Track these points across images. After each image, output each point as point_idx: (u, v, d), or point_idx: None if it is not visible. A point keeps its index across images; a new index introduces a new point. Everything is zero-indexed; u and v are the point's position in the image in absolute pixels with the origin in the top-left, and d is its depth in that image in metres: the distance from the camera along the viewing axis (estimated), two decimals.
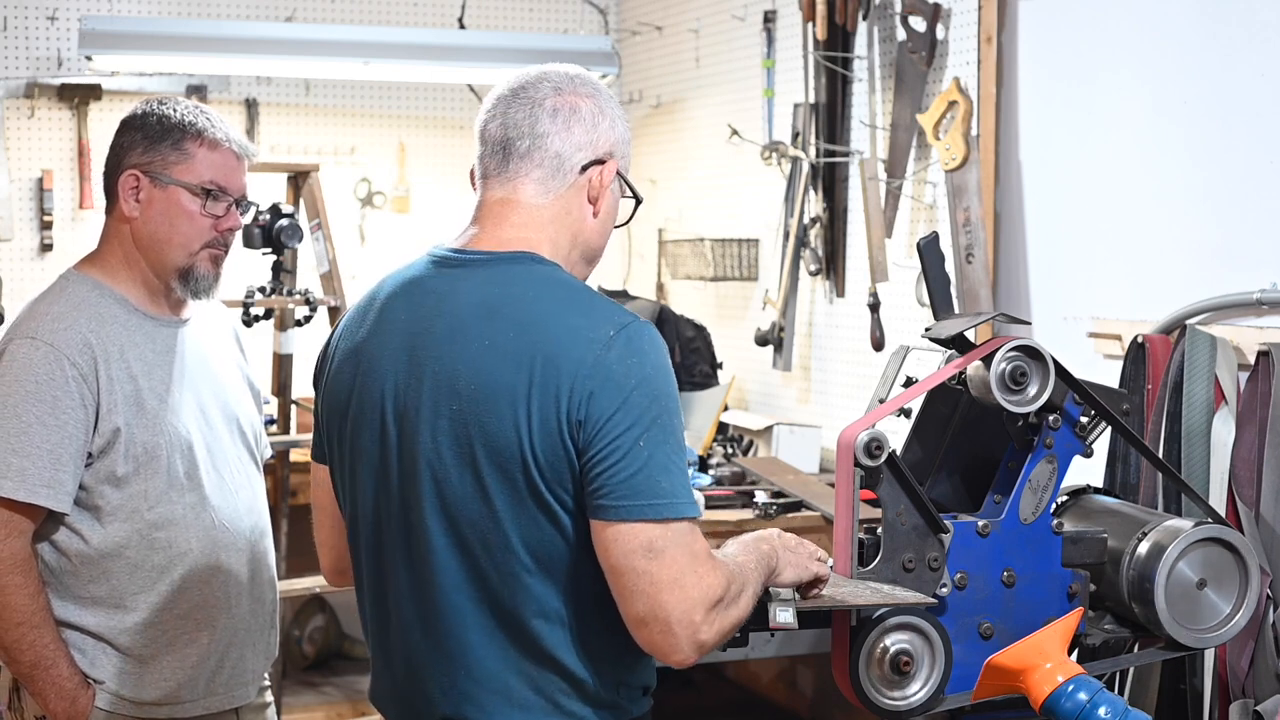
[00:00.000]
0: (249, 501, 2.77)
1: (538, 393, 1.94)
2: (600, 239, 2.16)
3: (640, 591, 1.91)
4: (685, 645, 1.92)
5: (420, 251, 2.15)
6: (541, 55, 5.27)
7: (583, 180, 2.11)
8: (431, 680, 2.06)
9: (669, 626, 1.91)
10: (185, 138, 2.67)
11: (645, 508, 1.92)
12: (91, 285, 2.67)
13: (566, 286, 2.03)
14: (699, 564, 1.93)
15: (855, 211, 4.49)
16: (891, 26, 4.26)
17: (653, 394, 1.94)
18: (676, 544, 1.92)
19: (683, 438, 1.99)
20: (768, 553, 2.11)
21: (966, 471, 2.51)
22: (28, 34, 5.37)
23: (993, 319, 2.58)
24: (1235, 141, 3.19)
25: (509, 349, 1.96)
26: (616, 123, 2.15)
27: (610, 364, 1.93)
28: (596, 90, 2.15)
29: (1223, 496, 2.94)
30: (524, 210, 2.10)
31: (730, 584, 1.96)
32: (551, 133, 2.09)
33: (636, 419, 1.93)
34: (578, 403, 1.93)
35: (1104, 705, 2.09)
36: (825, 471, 4.49)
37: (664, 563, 1.91)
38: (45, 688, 2.58)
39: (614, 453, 1.92)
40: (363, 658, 5.86)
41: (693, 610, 1.91)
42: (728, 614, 1.96)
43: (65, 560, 2.60)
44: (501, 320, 1.99)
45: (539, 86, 2.11)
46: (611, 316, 1.98)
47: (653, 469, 1.92)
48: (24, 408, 2.54)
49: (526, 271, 2.04)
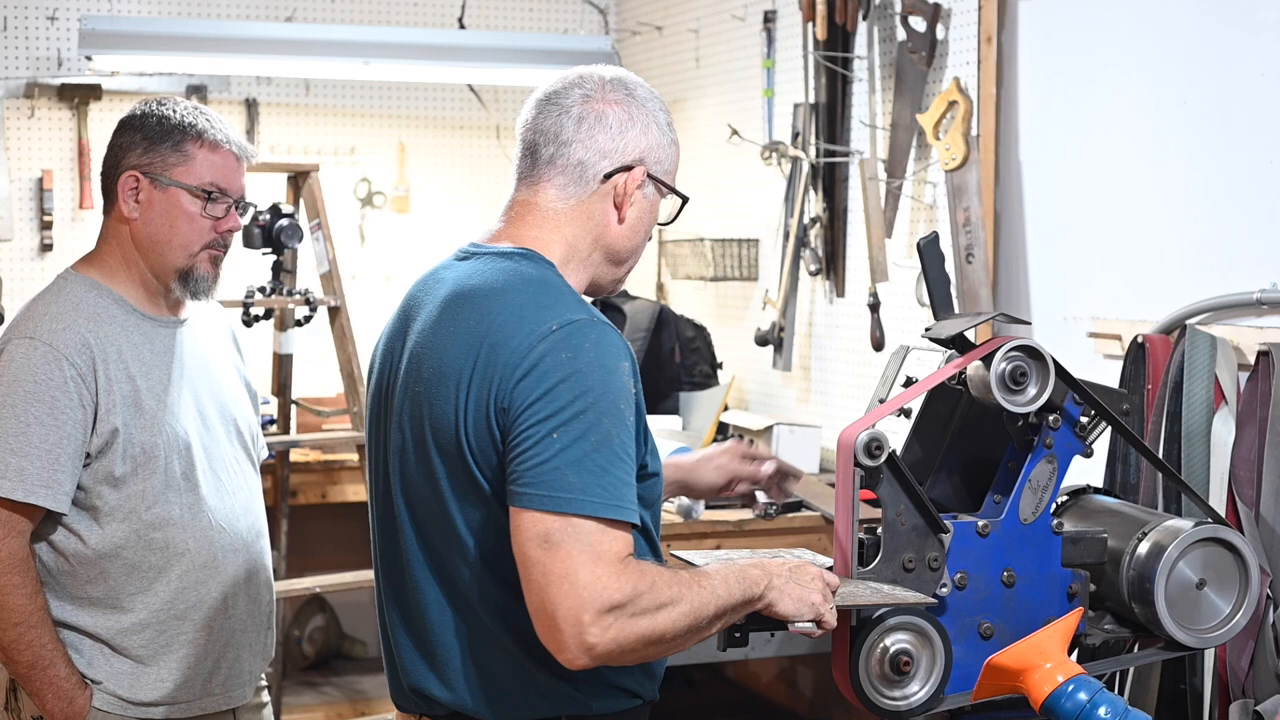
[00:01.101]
0: (246, 502, 2.77)
1: (477, 378, 1.99)
2: (627, 242, 2.17)
3: (533, 582, 1.91)
4: (571, 645, 1.89)
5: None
6: (541, 55, 5.32)
7: (607, 187, 2.14)
8: (405, 655, 2.13)
9: (555, 622, 1.89)
10: (186, 139, 2.67)
11: (545, 498, 1.91)
12: (89, 285, 2.67)
13: (535, 282, 2.06)
14: (600, 564, 1.89)
15: (855, 211, 4.49)
16: (891, 26, 4.26)
17: (581, 390, 1.94)
18: (576, 540, 1.90)
19: (620, 441, 1.95)
20: (756, 578, 2.07)
21: (966, 471, 2.51)
22: (28, 34, 5.37)
23: (993, 319, 2.58)
24: (1235, 141, 3.19)
25: (465, 335, 2.02)
26: (650, 128, 2.16)
27: (542, 354, 1.95)
28: (630, 95, 2.16)
29: (1223, 496, 2.94)
30: (542, 213, 2.14)
31: (643, 594, 1.91)
32: (575, 141, 2.13)
33: (556, 411, 1.93)
34: (506, 389, 1.96)
35: (1104, 705, 2.09)
36: (825, 471, 4.49)
37: (558, 556, 1.89)
38: (43, 688, 2.58)
39: (526, 440, 1.94)
40: (363, 658, 5.86)
41: (580, 610, 1.87)
42: (632, 624, 1.90)
43: (63, 560, 2.61)
44: (467, 308, 2.04)
45: (570, 93, 2.15)
46: (564, 313, 2.00)
47: (562, 462, 1.91)
48: (23, 408, 2.54)
49: (510, 266, 2.08)
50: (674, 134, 2.22)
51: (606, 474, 1.93)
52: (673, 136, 2.21)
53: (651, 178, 2.16)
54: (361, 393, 4.59)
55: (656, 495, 2.13)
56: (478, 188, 5.95)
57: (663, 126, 2.19)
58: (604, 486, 1.92)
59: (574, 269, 2.15)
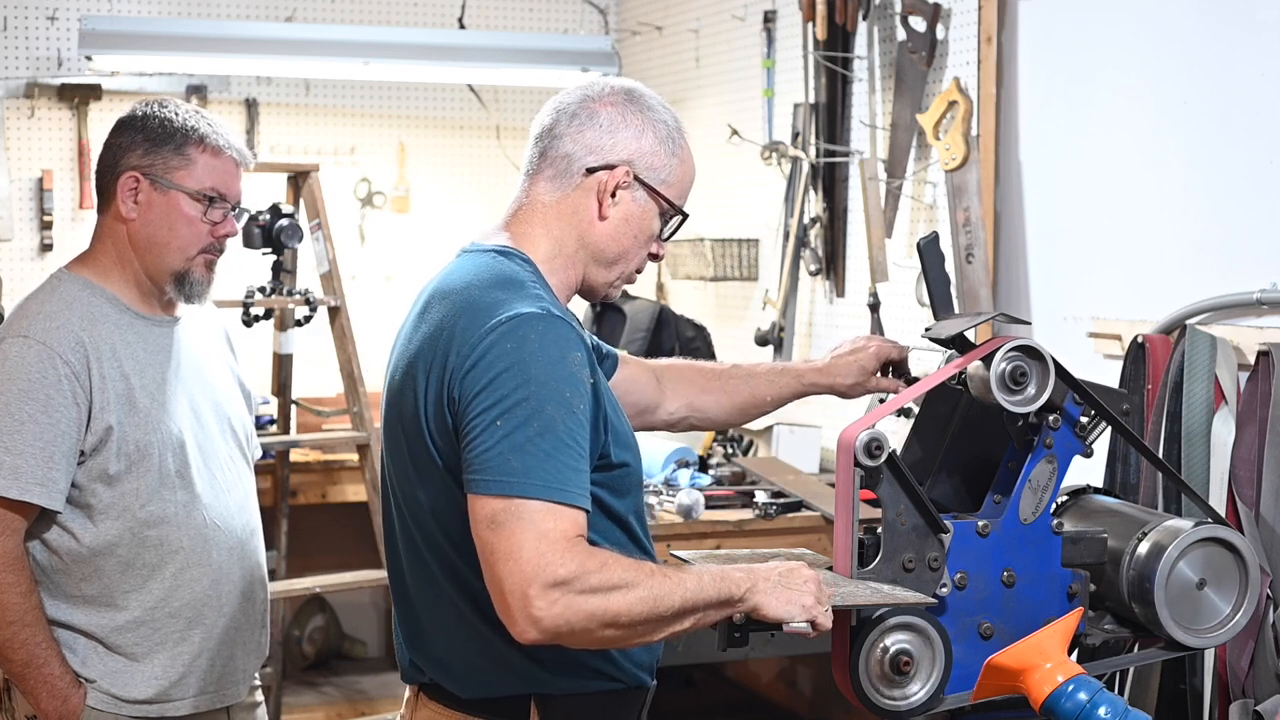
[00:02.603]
0: (240, 500, 2.77)
1: (435, 369, 2.07)
2: (611, 243, 2.22)
3: (485, 562, 1.97)
4: (519, 618, 1.93)
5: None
6: (541, 55, 5.32)
7: (590, 182, 2.19)
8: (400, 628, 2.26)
9: (502, 597, 1.94)
10: (188, 143, 2.67)
11: (490, 483, 1.96)
12: (83, 285, 2.67)
13: (500, 278, 2.12)
14: (544, 542, 1.94)
15: (855, 211, 4.49)
16: (891, 26, 4.26)
17: (523, 378, 1.99)
18: (521, 520, 1.95)
19: (565, 428, 1.99)
20: (737, 580, 2.07)
21: (966, 471, 2.50)
22: (28, 34, 5.37)
23: (993, 319, 2.58)
24: (1235, 141, 3.19)
25: (432, 329, 2.11)
26: (645, 134, 2.21)
27: (488, 346, 2.01)
28: (630, 100, 2.22)
29: (1223, 496, 2.94)
30: (533, 208, 2.22)
31: (591, 573, 1.94)
32: (565, 135, 2.20)
33: (499, 399, 1.98)
34: (456, 380, 2.03)
35: (1104, 705, 2.09)
36: (825, 471, 4.49)
37: (503, 534, 1.94)
38: (37, 686, 2.58)
39: (474, 429, 1.99)
40: (363, 657, 5.87)
41: (526, 584, 1.92)
42: (582, 600, 1.93)
43: (57, 559, 2.61)
44: (440, 304, 2.13)
45: (573, 93, 2.24)
46: (515, 306, 2.05)
47: (505, 448, 1.96)
48: (17, 406, 2.54)
49: (483, 262, 2.16)
50: (678, 149, 2.24)
51: (551, 459, 1.97)
52: (674, 150, 2.24)
53: (641, 182, 2.20)
54: (362, 393, 4.60)
55: (631, 485, 2.16)
56: (478, 188, 5.95)
57: (663, 137, 2.22)
58: (547, 470, 1.96)
59: (560, 265, 2.20)
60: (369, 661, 5.85)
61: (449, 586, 2.13)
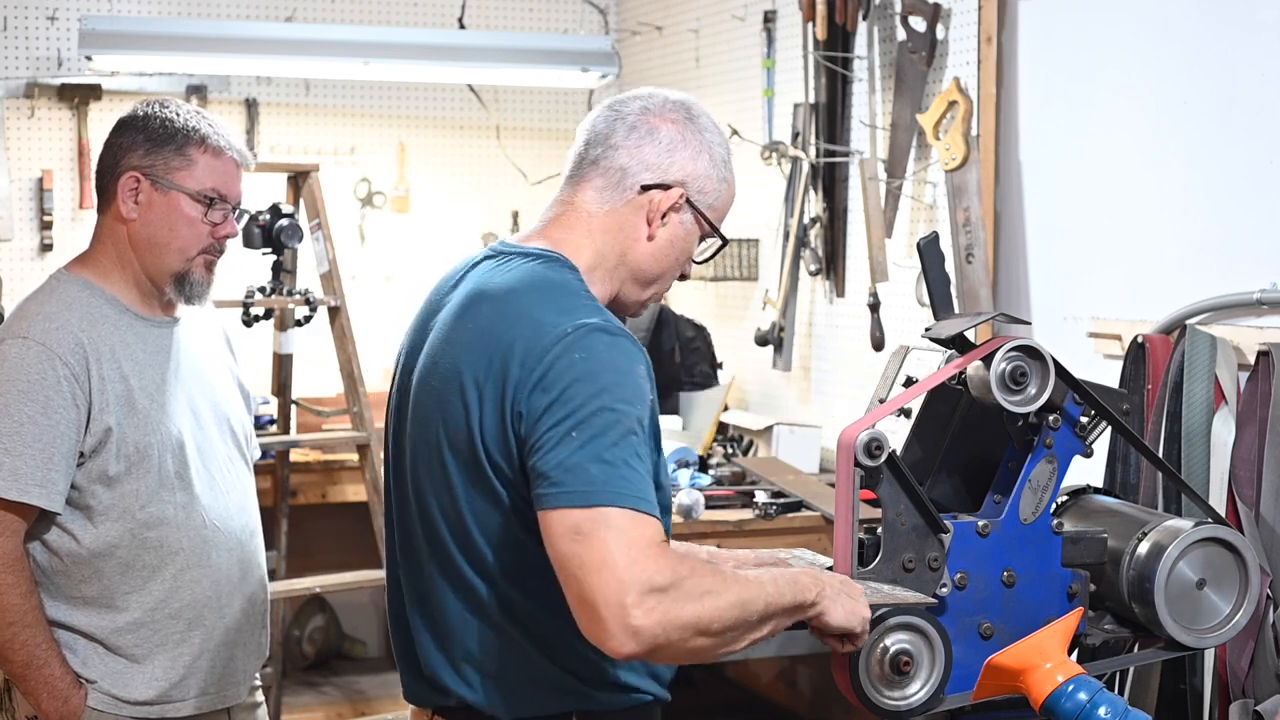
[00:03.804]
0: (240, 501, 2.77)
1: (491, 382, 1.99)
2: (654, 264, 2.16)
3: (571, 575, 1.88)
4: (616, 630, 1.84)
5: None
6: (541, 55, 5.32)
7: (642, 200, 2.14)
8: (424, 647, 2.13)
9: (596, 610, 1.85)
10: (189, 144, 2.67)
11: (570, 494, 1.89)
12: (82, 285, 2.67)
13: (556, 286, 2.05)
14: (635, 549, 1.86)
15: (855, 211, 4.49)
16: (891, 26, 4.26)
17: (595, 390, 1.92)
18: (609, 528, 1.87)
19: (638, 438, 1.94)
20: (807, 585, 2.03)
21: (966, 471, 2.50)
22: (28, 34, 5.37)
23: (993, 319, 2.58)
24: (1235, 141, 3.19)
25: (480, 336, 2.02)
26: (701, 157, 2.15)
27: (555, 357, 1.95)
28: (689, 120, 2.16)
29: (1223, 496, 2.94)
30: (577, 215, 2.15)
31: (685, 579, 1.88)
32: (622, 146, 2.14)
33: (572, 411, 1.92)
34: (522, 395, 1.96)
35: (1104, 705, 2.09)
36: (825, 471, 4.49)
37: (592, 545, 1.86)
38: (37, 687, 2.58)
39: (546, 443, 1.92)
40: (363, 657, 5.86)
41: (623, 592, 1.83)
42: (677, 607, 1.86)
43: (57, 560, 2.61)
44: (485, 308, 2.05)
45: (632, 103, 2.17)
46: (578, 317, 1.98)
47: (582, 458, 1.90)
48: (16, 407, 2.54)
49: (531, 268, 2.08)
50: (728, 174, 2.19)
51: (628, 467, 1.91)
52: (725, 175, 2.18)
53: (691, 205, 2.15)
54: (362, 393, 4.59)
55: (666, 506, 2.10)
56: (478, 188, 5.95)
57: (716, 161, 2.17)
58: (626, 479, 1.90)
59: (599, 278, 2.13)
60: (369, 661, 5.84)
61: (492, 605, 2.06)
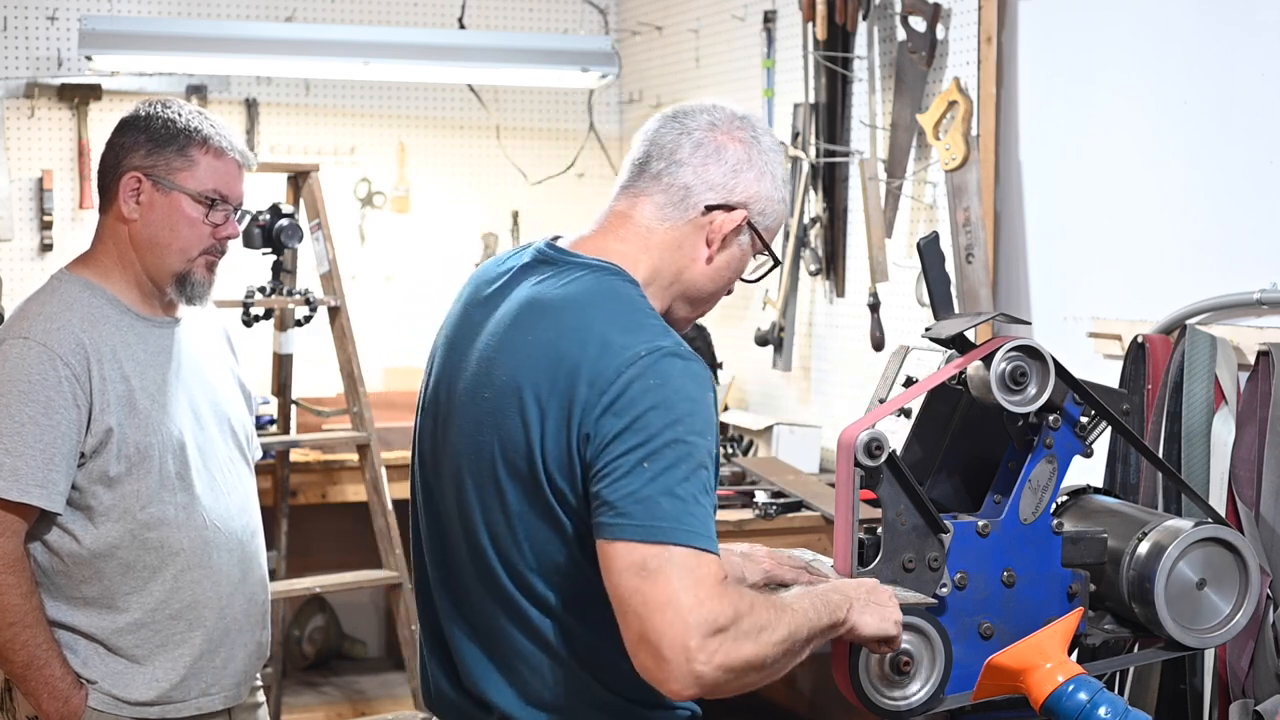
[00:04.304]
0: (241, 502, 2.77)
1: (557, 398, 1.92)
2: (709, 285, 2.12)
3: (633, 612, 1.83)
4: (679, 673, 1.81)
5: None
6: (541, 55, 5.32)
7: (704, 220, 2.08)
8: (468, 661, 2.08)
9: (659, 651, 1.81)
10: (191, 144, 2.67)
11: (639, 528, 1.84)
12: (83, 285, 2.67)
13: (623, 301, 2.00)
14: (701, 589, 1.82)
15: (855, 211, 4.49)
16: (891, 26, 4.26)
17: (670, 419, 1.87)
18: (675, 566, 1.83)
19: (707, 472, 1.90)
20: (838, 603, 2.01)
21: (966, 471, 2.50)
22: (28, 34, 5.37)
23: (993, 319, 2.58)
24: (1235, 141, 3.19)
25: (542, 349, 1.95)
26: (765, 178, 2.11)
27: (629, 381, 1.89)
28: (755, 139, 2.12)
29: (1223, 496, 2.94)
30: (635, 229, 2.09)
31: (744, 616, 1.85)
32: (688, 164, 2.08)
33: (645, 440, 1.87)
34: (590, 418, 1.90)
35: (1104, 705, 2.09)
36: (825, 471, 4.49)
37: (658, 583, 1.82)
38: (38, 688, 2.58)
39: (615, 470, 1.87)
40: (363, 657, 5.86)
41: (687, 635, 1.80)
42: (736, 647, 1.84)
43: (57, 560, 2.61)
44: (548, 320, 1.98)
45: (698, 116, 2.11)
46: (651, 339, 1.93)
47: (654, 491, 1.85)
48: (17, 407, 2.54)
49: (595, 280, 2.02)
50: (786, 193, 2.16)
51: (697, 503, 1.86)
52: (784, 195, 2.15)
53: (751, 227, 2.11)
54: (362, 393, 4.59)
55: None
56: (478, 188, 5.95)
57: (777, 182, 2.13)
58: (695, 516, 1.86)
59: (652, 294, 2.07)
60: (369, 661, 5.84)
61: (546, 629, 2.01)
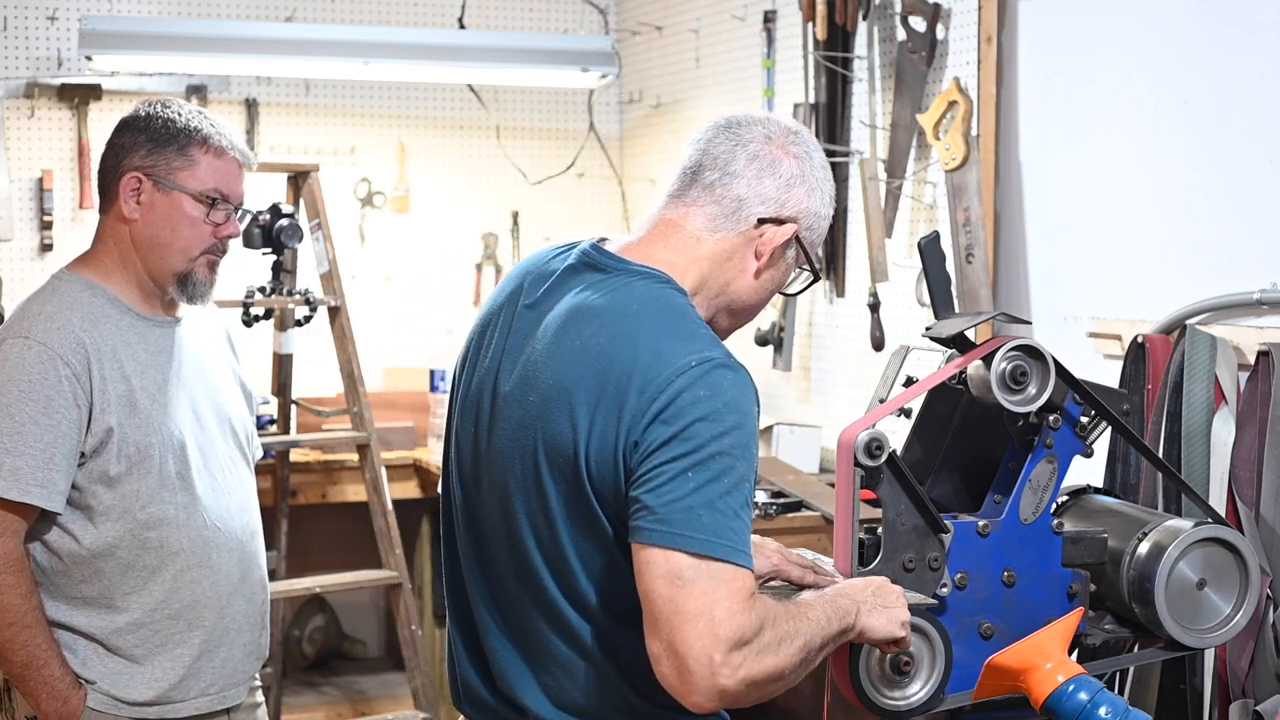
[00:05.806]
0: (241, 502, 2.77)
1: (605, 404, 1.92)
2: (754, 298, 2.12)
3: (663, 619, 1.83)
4: (702, 686, 1.82)
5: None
6: (541, 55, 5.32)
7: (754, 233, 2.08)
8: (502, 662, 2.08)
9: (684, 661, 1.82)
10: (191, 144, 2.67)
11: (678, 537, 1.84)
12: (84, 285, 2.67)
13: (674, 310, 1.99)
14: (733, 602, 1.83)
15: (855, 211, 4.48)
16: (891, 26, 4.26)
17: (718, 432, 1.88)
18: (710, 579, 1.83)
19: (750, 486, 1.90)
20: (846, 608, 2.02)
21: (966, 471, 2.51)
22: (28, 34, 5.37)
23: (993, 319, 2.58)
24: (1235, 141, 3.19)
25: (592, 354, 1.95)
26: (815, 194, 2.10)
27: (679, 390, 1.89)
28: (808, 154, 2.12)
29: (1223, 496, 2.94)
30: (684, 238, 2.08)
31: (767, 629, 1.86)
32: (742, 176, 2.07)
33: (691, 450, 1.87)
34: (639, 426, 1.90)
35: (1104, 705, 2.09)
36: (825, 471, 4.49)
37: (692, 593, 1.82)
38: (37, 688, 2.58)
39: (658, 477, 1.87)
40: (363, 657, 5.86)
41: (714, 648, 1.81)
42: (759, 660, 1.85)
43: (57, 560, 2.61)
44: (597, 325, 1.97)
45: (752, 128, 2.10)
46: (702, 349, 1.93)
47: (695, 502, 1.85)
48: (17, 407, 2.54)
49: (646, 288, 2.02)
50: (831, 210, 2.15)
51: (738, 518, 1.87)
52: (829, 212, 2.14)
53: (798, 241, 2.11)
54: (362, 393, 4.59)
55: None
56: (478, 188, 5.95)
57: (825, 198, 2.13)
58: (735, 531, 1.86)
59: (698, 304, 2.06)
60: (369, 661, 5.84)
61: (584, 632, 2.01)
